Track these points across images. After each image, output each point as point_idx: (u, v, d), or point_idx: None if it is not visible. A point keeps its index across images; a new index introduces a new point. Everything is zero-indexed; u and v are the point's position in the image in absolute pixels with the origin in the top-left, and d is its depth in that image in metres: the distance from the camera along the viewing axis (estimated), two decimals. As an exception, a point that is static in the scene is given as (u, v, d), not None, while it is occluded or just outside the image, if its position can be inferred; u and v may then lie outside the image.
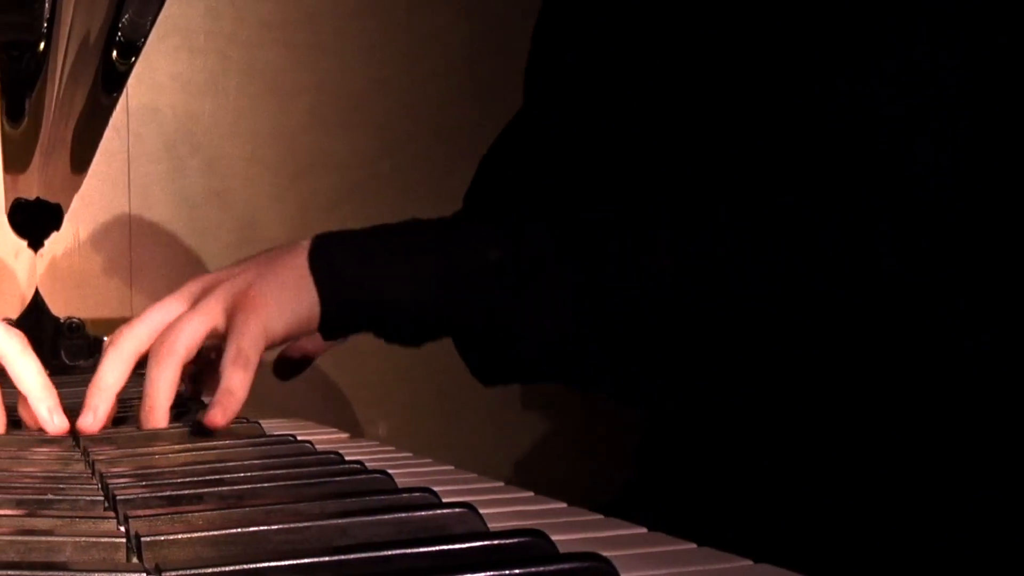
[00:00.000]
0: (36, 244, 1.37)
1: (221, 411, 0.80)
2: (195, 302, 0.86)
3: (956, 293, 0.80)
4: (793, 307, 0.80)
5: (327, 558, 0.42)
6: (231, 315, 0.84)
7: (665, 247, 0.83)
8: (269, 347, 0.85)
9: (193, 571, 0.40)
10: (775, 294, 0.81)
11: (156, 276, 1.65)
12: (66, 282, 1.60)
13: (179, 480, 0.59)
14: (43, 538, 0.45)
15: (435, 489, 0.54)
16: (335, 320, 0.87)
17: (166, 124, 1.66)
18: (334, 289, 0.86)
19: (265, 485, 0.58)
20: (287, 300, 0.85)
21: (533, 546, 0.43)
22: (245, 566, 0.41)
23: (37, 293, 1.39)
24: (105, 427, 0.83)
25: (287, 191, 1.72)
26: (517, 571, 0.40)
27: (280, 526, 0.47)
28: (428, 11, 1.78)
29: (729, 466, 0.93)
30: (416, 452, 0.76)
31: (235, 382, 0.81)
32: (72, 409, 0.83)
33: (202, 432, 0.81)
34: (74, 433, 0.80)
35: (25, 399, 0.83)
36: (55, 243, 1.46)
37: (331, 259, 0.87)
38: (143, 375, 0.89)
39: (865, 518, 0.84)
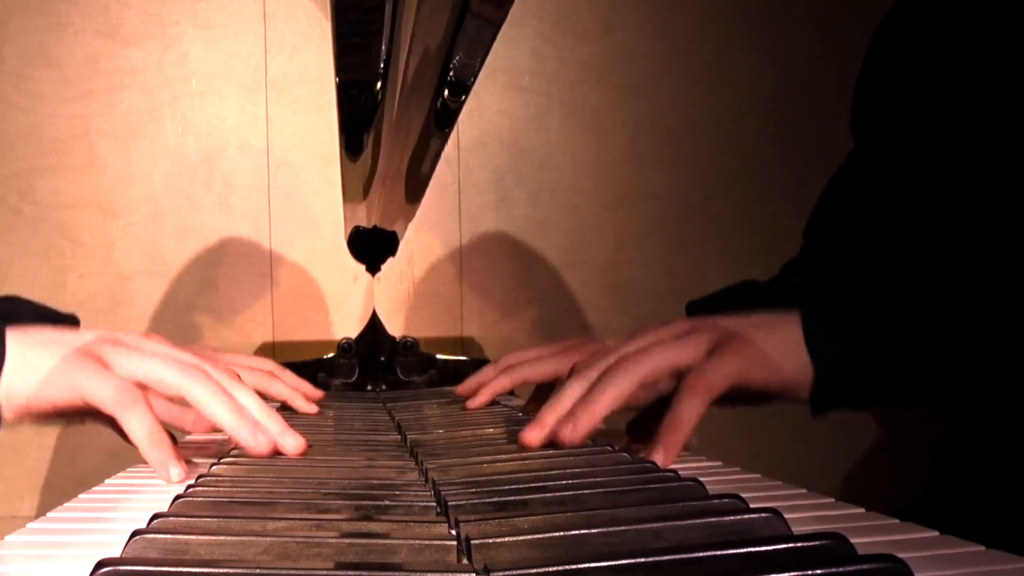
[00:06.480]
0: (373, 269, 1.45)
1: (663, 449, 0.76)
2: (680, 338, 0.83)
3: None
4: None
5: (642, 559, 0.44)
6: (711, 351, 0.81)
7: None
8: (733, 392, 0.80)
9: (519, 571, 0.43)
10: None
11: (484, 299, 1.71)
12: (401, 304, 1.69)
13: (506, 487, 0.62)
14: (380, 541, 0.48)
15: (743, 495, 0.55)
16: (832, 383, 0.82)
17: (494, 157, 1.74)
18: (836, 355, 0.82)
19: (585, 492, 0.60)
20: (776, 358, 0.81)
21: (834, 548, 0.45)
22: (567, 567, 0.43)
23: (374, 314, 1.46)
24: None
25: (605, 220, 1.77)
26: (819, 571, 0.41)
27: (599, 530, 0.49)
28: (735, 54, 1.80)
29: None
30: (725, 461, 0.77)
31: (686, 410, 0.77)
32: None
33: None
34: (409, 445, 0.83)
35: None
36: (391, 268, 1.53)
37: (830, 328, 0.83)
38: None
39: None
